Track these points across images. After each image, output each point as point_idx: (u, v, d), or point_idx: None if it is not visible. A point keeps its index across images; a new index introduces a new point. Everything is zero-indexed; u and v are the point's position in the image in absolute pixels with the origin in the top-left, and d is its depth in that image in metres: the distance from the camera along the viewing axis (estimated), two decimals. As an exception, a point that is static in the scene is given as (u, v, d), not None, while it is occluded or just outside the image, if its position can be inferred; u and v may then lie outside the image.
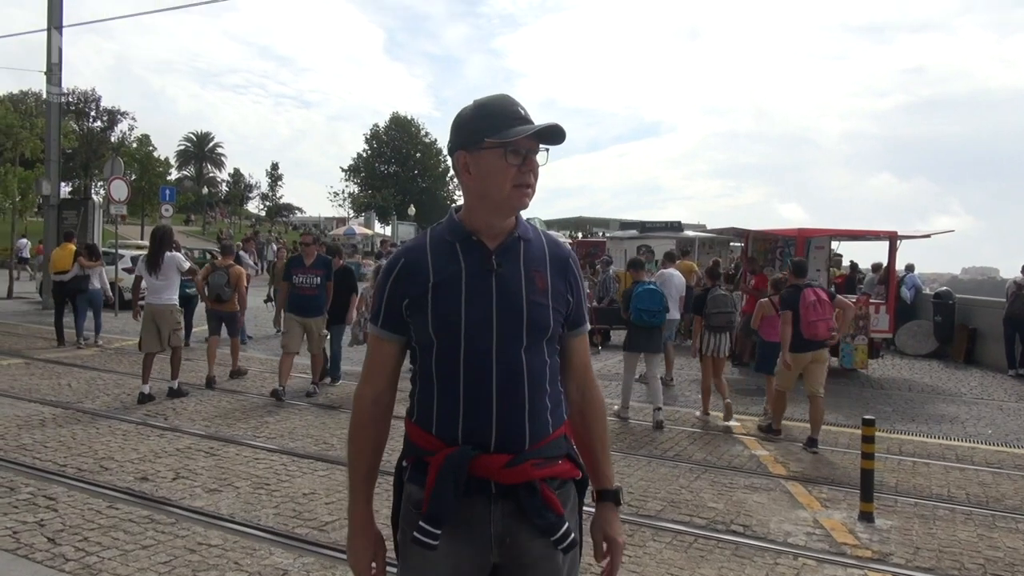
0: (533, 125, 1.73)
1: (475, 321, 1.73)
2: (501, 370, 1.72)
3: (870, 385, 11.07)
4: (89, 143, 58.15)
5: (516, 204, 1.77)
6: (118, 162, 18.33)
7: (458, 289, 1.74)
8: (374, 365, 1.89)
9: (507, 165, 1.73)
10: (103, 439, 6.54)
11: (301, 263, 8.80)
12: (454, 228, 1.83)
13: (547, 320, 1.79)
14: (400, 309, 1.79)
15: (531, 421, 1.74)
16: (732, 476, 6.13)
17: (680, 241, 17.95)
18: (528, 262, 1.81)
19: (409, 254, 1.84)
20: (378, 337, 1.86)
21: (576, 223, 39.36)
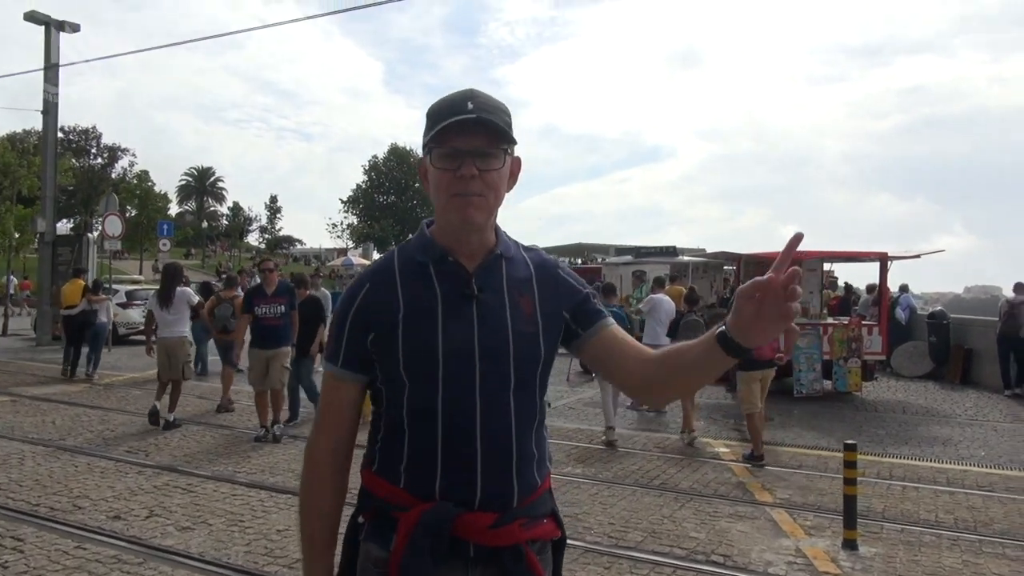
0: (454, 118, 1.45)
1: (455, 358, 1.48)
2: (487, 415, 1.49)
3: (864, 408, 10.96)
4: (90, 180, 58.53)
5: (456, 218, 1.50)
6: (113, 198, 18.46)
7: (433, 320, 1.49)
8: (331, 411, 1.61)
9: (437, 171, 1.49)
10: (80, 477, 6.46)
11: (262, 292, 8.34)
12: (426, 246, 1.58)
13: (537, 352, 1.56)
14: (364, 344, 1.53)
15: (519, 475, 1.52)
16: (717, 504, 6.03)
17: (674, 266, 17.93)
18: (512, 284, 1.57)
19: (375, 278, 1.57)
20: (337, 378, 1.59)
21: (576, 249, 39.37)
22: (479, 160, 1.47)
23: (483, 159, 1.48)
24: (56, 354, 16.32)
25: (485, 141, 1.48)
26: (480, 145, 1.47)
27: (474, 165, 1.46)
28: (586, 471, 7.01)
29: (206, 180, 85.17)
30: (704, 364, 1.47)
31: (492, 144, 1.49)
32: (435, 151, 1.49)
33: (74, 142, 61.15)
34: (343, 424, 1.61)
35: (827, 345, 11.28)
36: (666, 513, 5.75)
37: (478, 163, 1.47)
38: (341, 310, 1.58)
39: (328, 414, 1.61)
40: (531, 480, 1.55)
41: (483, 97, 1.51)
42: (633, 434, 8.94)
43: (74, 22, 18.43)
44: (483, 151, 1.48)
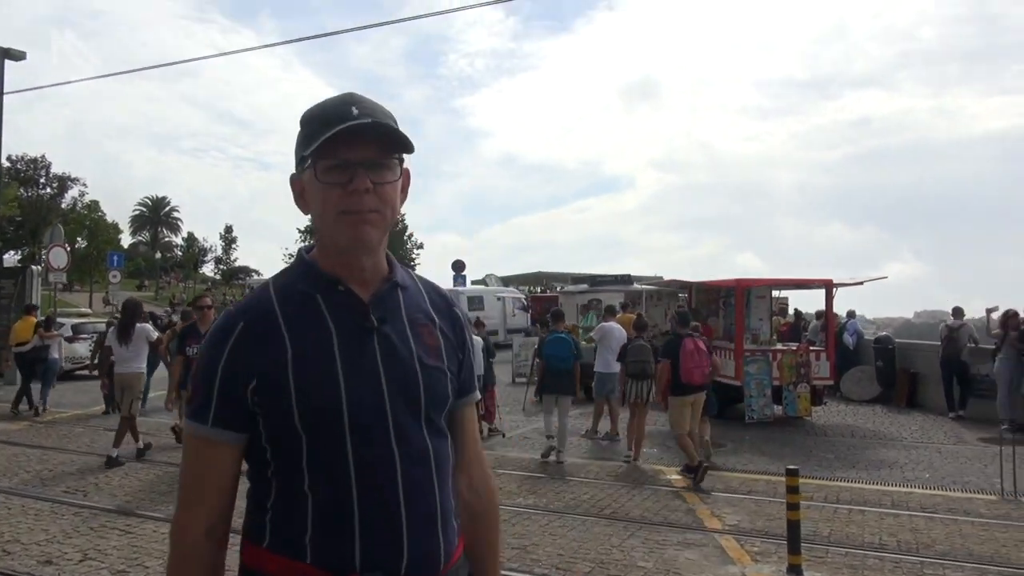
0: (344, 124, 1.26)
1: (361, 402, 1.27)
2: (406, 464, 1.29)
3: (814, 433, 11.12)
4: (38, 210, 57.15)
5: (344, 238, 1.30)
6: (58, 229, 18.07)
7: (331, 359, 1.27)
8: (202, 481, 1.31)
9: (323, 185, 1.28)
10: (13, 519, 6.22)
11: (196, 332, 7.88)
12: (309, 273, 1.36)
13: (445, 388, 1.39)
14: (243, 395, 1.27)
15: (444, 531, 1.34)
16: (666, 532, 6.04)
17: (628, 294, 18.11)
18: (411, 314, 1.39)
19: (249, 314, 1.31)
20: (207, 440, 1.30)
21: (535, 278, 39.54)
22: (372, 172, 1.29)
23: (376, 171, 1.30)
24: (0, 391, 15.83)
25: (377, 151, 1.30)
26: (372, 156, 1.29)
27: (367, 178, 1.28)
28: (537, 501, 6.97)
29: (160, 210, 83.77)
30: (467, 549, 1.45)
31: (385, 154, 1.31)
32: (320, 163, 1.28)
33: (22, 171, 59.69)
34: (218, 499, 1.32)
35: (777, 371, 11.44)
36: (615, 542, 5.74)
37: (371, 175, 1.29)
38: (207, 356, 1.31)
39: (197, 488, 1.32)
40: (453, 537, 1.38)
41: (367, 101, 1.33)
42: (586, 463, 8.93)
43: (19, 50, 18.10)
44: (376, 162, 1.30)
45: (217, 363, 1.29)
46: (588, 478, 8.01)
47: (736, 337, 11.64)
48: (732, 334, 11.93)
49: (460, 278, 29.32)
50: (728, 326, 12.61)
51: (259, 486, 1.34)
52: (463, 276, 29.57)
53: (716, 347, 12.31)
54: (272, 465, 1.30)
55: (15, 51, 18.11)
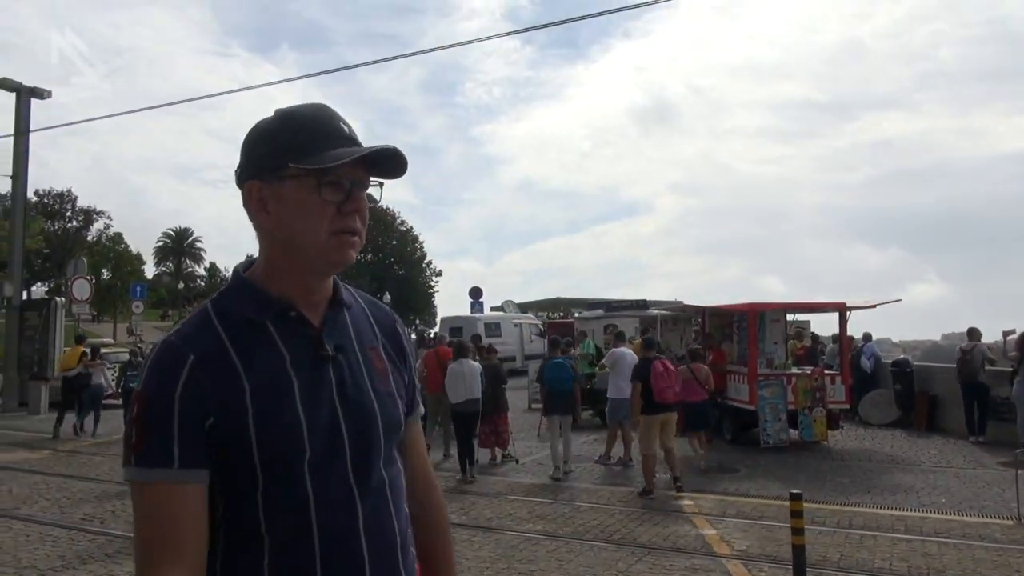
0: (360, 147, 1.24)
1: (321, 439, 1.21)
2: (365, 499, 1.25)
3: (830, 457, 11.02)
4: (64, 243, 58.28)
5: (336, 258, 1.25)
6: (81, 262, 18.47)
7: (289, 393, 1.21)
8: (176, 534, 1.14)
9: (321, 202, 1.22)
10: (31, 546, 6.35)
11: None
12: (255, 298, 1.27)
13: (398, 414, 1.36)
14: (202, 433, 1.17)
15: (404, 559, 1.32)
16: (674, 558, 6.03)
17: (644, 319, 18.12)
18: (360, 338, 1.35)
19: (197, 346, 1.21)
20: (174, 485, 1.15)
21: (553, 304, 39.62)
22: (362, 191, 1.28)
23: (364, 193, 1.28)
24: (21, 420, 16.13)
25: (366, 172, 1.28)
26: (362, 176, 1.27)
27: (362, 198, 1.27)
28: (546, 527, 6.98)
29: (184, 241, 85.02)
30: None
31: (367, 177, 1.29)
32: (325, 179, 1.22)
33: (49, 205, 61.07)
34: (196, 546, 1.17)
35: (791, 395, 11.38)
36: (622, 568, 5.74)
37: (364, 199, 1.28)
38: (158, 391, 1.18)
39: (171, 543, 1.14)
40: (412, 564, 1.35)
41: (340, 115, 1.31)
42: (598, 488, 8.92)
43: (45, 88, 18.65)
44: (366, 183, 1.28)
45: (171, 399, 1.17)
46: (599, 503, 8.00)
47: (750, 361, 11.61)
48: (746, 358, 11.91)
49: (478, 304, 29.47)
50: (742, 351, 12.57)
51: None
52: (480, 303, 29.72)
53: (730, 371, 12.31)
54: (220, 506, 1.20)
55: (41, 90, 18.67)
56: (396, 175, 1.31)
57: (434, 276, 62.49)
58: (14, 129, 18.53)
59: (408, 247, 65.84)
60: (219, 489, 1.21)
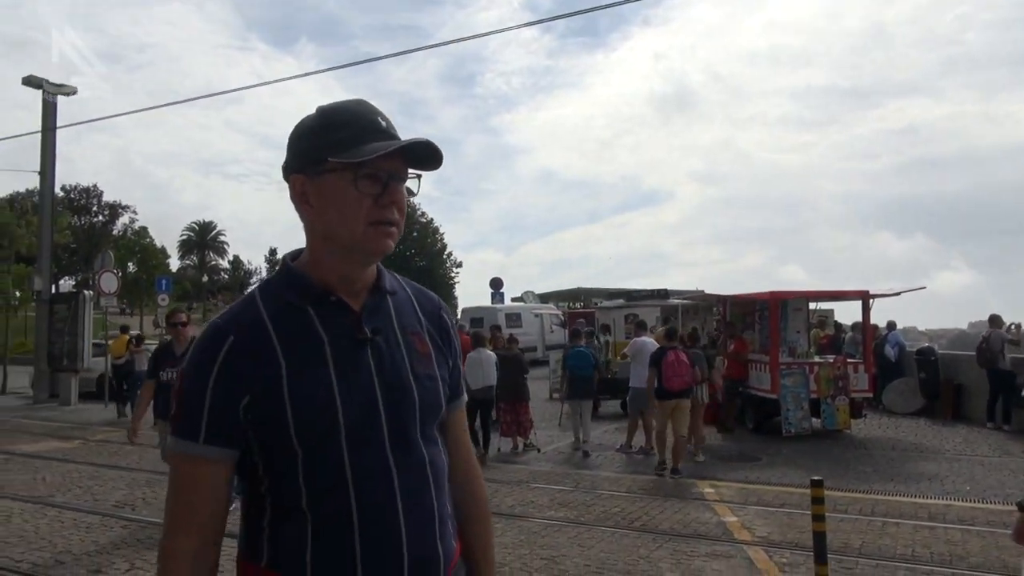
0: (397, 140, 1.30)
1: (357, 415, 1.27)
2: (404, 476, 1.30)
3: (853, 446, 10.97)
4: (90, 237, 59.16)
5: (374, 248, 1.31)
6: (108, 255, 18.75)
7: (325, 373, 1.27)
8: (193, 504, 1.27)
9: (359, 195, 1.27)
10: (65, 532, 6.52)
11: (170, 353, 6.64)
12: (298, 284, 1.34)
13: (438, 396, 1.41)
14: (236, 411, 1.25)
15: (442, 537, 1.35)
16: (695, 544, 6.07)
17: (664, 308, 18.08)
18: (402, 323, 1.40)
19: (238, 327, 1.29)
20: (198, 459, 1.26)
21: (574, 294, 39.60)
22: (400, 183, 1.33)
23: (403, 183, 1.34)
24: (52, 411, 16.48)
25: (403, 163, 1.32)
26: (400, 169, 1.32)
27: (399, 190, 1.32)
28: (568, 514, 7.05)
29: (207, 234, 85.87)
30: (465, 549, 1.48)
31: (406, 169, 1.34)
32: (362, 172, 1.27)
33: (75, 200, 62.03)
34: (211, 521, 1.28)
35: (814, 384, 11.35)
36: (643, 553, 5.79)
37: (403, 192, 1.34)
38: (196, 370, 1.28)
39: (189, 510, 1.27)
40: (451, 545, 1.39)
41: (379, 110, 1.36)
42: (619, 476, 8.99)
43: (71, 85, 18.93)
44: (404, 176, 1.33)
45: (207, 378, 1.26)
46: (620, 491, 8.06)
47: (771, 350, 11.58)
48: (768, 347, 11.87)
49: (498, 295, 29.54)
50: (764, 339, 12.54)
51: (253, 503, 1.32)
52: (501, 293, 29.79)
53: (752, 360, 12.28)
54: (265, 481, 1.29)
55: (67, 87, 18.95)
56: (432, 167, 1.35)
57: (454, 267, 62.64)
58: (41, 126, 18.83)
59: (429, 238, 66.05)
60: (262, 466, 1.29)
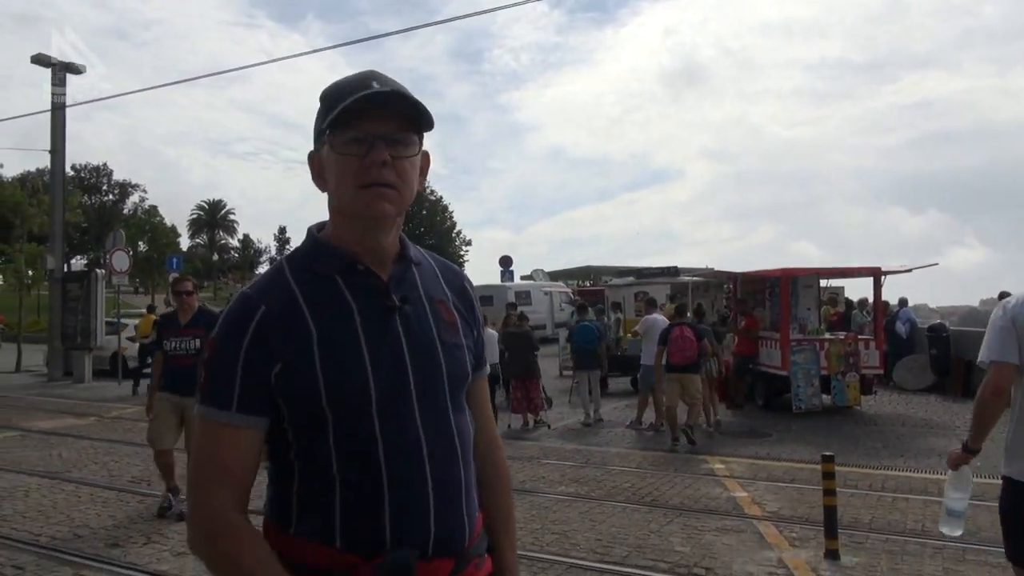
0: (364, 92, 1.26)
1: (388, 382, 1.28)
2: (432, 444, 1.31)
3: (863, 422, 10.98)
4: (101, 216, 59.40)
5: (364, 212, 1.30)
6: (120, 234, 18.82)
7: (355, 340, 1.27)
8: (223, 462, 1.27)
9: (345, 158, 1.28)
10: (82, 507, 6.61)
11: (175, 322, 6.34)
12: (326, 254, 1.35)
13: (464, 364, 1.41)
14: (267, 380, 1.26)
15: (467, 506, 1.36)
16: (705, 519, 6.10)
17: (675, 285, 18.04)
18: (428, 292, 1.41)
19: (268, 297, 1.30)
20: (229, 426, 1.26)
21: (584, 272, 39.55)
22: (390, 146, 1.28)
23: (395, 145, 1.29)
24: (67, 389, 16.65)
25: (396, 124, 1.29)
26: (391, 129, 1.29)
27: (386, 151, 1.28)
28: (579, 489, 7.10)
29: (217, 213, 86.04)
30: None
31: (404, 128, 1.31)
32: (338, 135, 1.28)
33: (86, 179, 62.22)
34: (241, 478, 1.28)
35: (824, 360, 11.33)
36: (653, 528, 5.83)
37: (390, 149, 1.28)
38: (227, 340, 1.29)
39: (218, 467, 1.27)
40: (475, 511, 1.40)
41: (386, 77, 1.33)
42: (629, 452, 9.03)
43: (80, 64, 18.91)
44: (395, 136, 1.29)
45: (239, 347, 1.26)
46: (630, 467, 8.10)
47: (782, 327, 11.56)
48: (779, 324, 11.85)
49: (508, 273, 29.52)
50: (775, 316, 12.50)
51: (281, 469, 1.32)
52: (511, 271, 29.76)
53: (763, 337, 12.26)
54: (294, 447, 1.29)
55: (76, 65, 18.92)
56: (422, 125, 1.32)
57: (464, 246, 62.69)
58: (51, 104, 18.84)
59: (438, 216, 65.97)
60: (292, 433, 1.29)
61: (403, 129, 1.30)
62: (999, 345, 2.85)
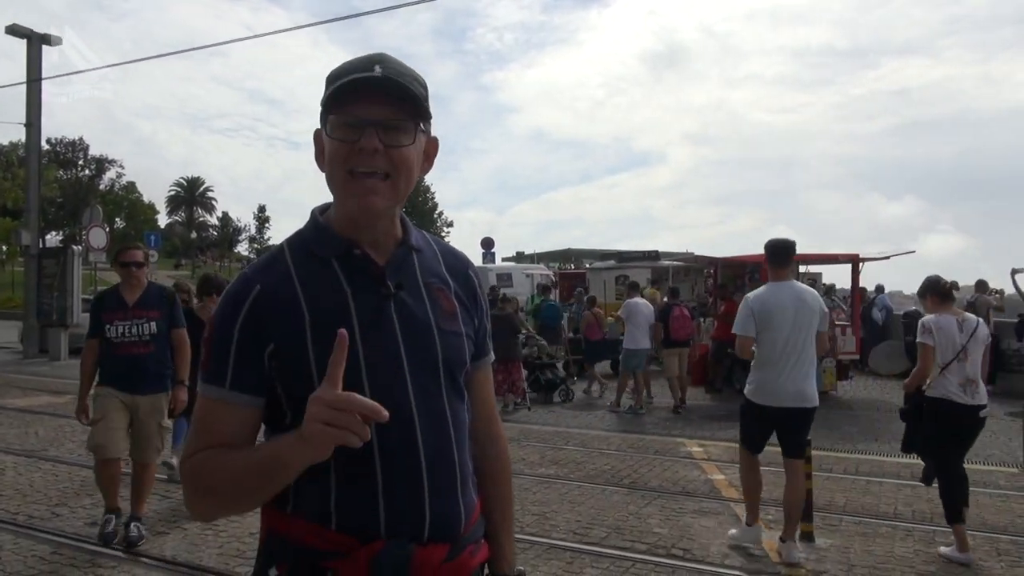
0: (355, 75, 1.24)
1: (380, 368, 1.28)
2: (427, 430, 1.30)
3: (838, 406, 11.14)
4: (76, 192, 58.50)
5: (350, 201, 1.29)
6: (97, 210, 18.57)
7: (348, 325, 1.24)
8: (218, 438, 1.28)
9: (336, 143, 1.26)
10: (60, 486, 6.57)
11: (119, 301, 5.13)
12: (324, 237, 1.34)
13: (462, 353, 1.40)
14: (261, 360, 1.27)
15: (463, 493, 1.36)
16: (683, 501, 6.19)
17: (656, 270, 18.13)
18: (427, 279, 1.39)
19: (265, 278, 1.31)
20: (224, 403, 1.28)
21: (565, 255, 39.57)
22: (384, 132, 1.26)
23: (389, 132, 1.26)
24: (43, 366, 16.46)
25: (393, 111, 1.26)
26: (386, 115, 1.26)
27: (378, 137, 1.25)
28: (559, 471, 7.16)
29: (195, 190, 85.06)
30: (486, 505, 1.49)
31: (400, 115, 1.27)
32: (331, 118, 1.27)
33: (61, 154, 61.16)
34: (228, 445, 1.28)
35: (802, 345, 11.44)
36: (632, 510, 5.90)
37: (383, 136, 1.25)
38: (223, 318, 1.30)
39: (212, 435, 1.28)
40: (472, 500, 1.40)
41: (394, 62, 1.29)
42: (609, 435, 9.11)
43: (56, 35, 18.54)
44: (389, 122, 1.26)
45: (233, 325, 1.27)
46: (609, 449, 8.18)
47: (761, 312, 11.66)
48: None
49: (490, 255, 29.48)
50: (754, 301, 12.60)
51: None
52: (492, 253, 29.72)
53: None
54: (290, 423, 1.27)
55: (52, 36, 18.55)
56: (420, 114, 1.29)
57: (445, 227, 62.49)
58: (26, 76, 18.47)
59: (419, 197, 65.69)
60: (290, 415, 1.29)
61: (398, 115, 1.27)
62: (743, 323, 5.06)
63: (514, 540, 1.56)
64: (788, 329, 4.84)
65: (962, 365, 4.92)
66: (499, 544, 1.50)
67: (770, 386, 4.91)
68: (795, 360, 4.86)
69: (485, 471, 1.50)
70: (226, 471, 1.25)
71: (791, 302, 4.89)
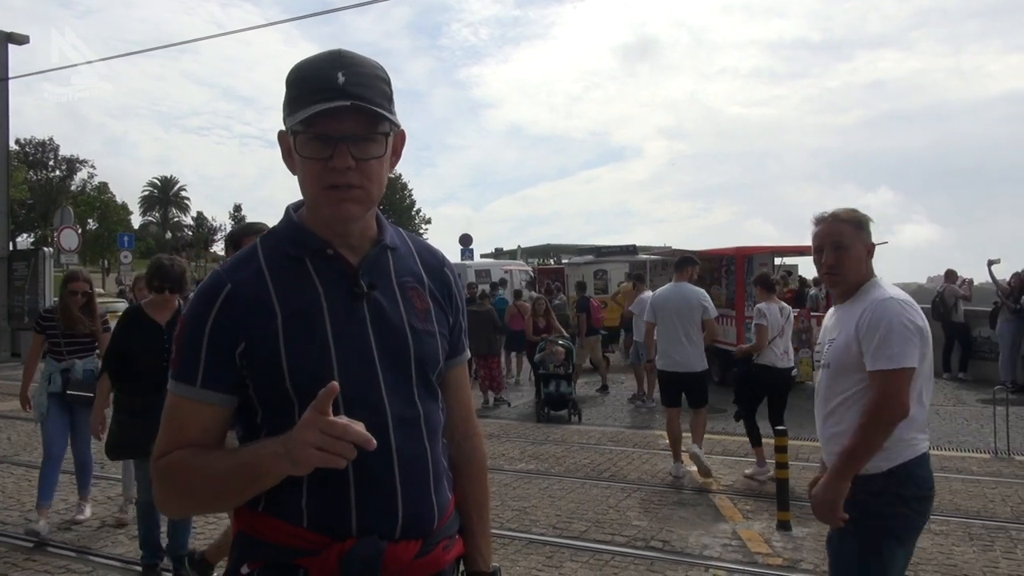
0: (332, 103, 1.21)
1: (352, 367, 1.27)
2: (399, 428, 1.30)
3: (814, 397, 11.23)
4: (47, 193, 57.58)
5: (328, 212, 1.29)
6: (68, 211, 18.30)
7: (320, 324, 1.27)
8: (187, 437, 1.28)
9: (309, 159, 1.26)
10: (33, 491, 6.42)
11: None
12: (299, 236, 1.34)
13: (436, 352, 1.40)
14: (232, 357, 1.26)
15: (436, 491, 1.37)
16: (663, 493, 6.23)
17: (633, 264, 18.20)
18: (401, 278, 1.39)
19: (237, 276, 1.30)
20: (195, 401, 1.28)
21: (543, 250, 39.62)
22: (355, 147, 1.25)
23: (360, 145, 1.26)
24: (15, 370, 16.18)
25: (361, 125, 1.25)
26: (356, 130, 1.25)
27: (349, 154, 1.24)
28: (539, 466, 7.17)
29: (169, 190, 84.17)
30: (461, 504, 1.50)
31: (369, 128, 1.26)
32: (300, 136, 1.25)
33: (31, 154, 60.12)
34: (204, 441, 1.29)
35: (778, 337, 11.56)
36: (612, 503, 5.93)
37: (354, 151, 1.25)
38: (194, 317, 1.29)
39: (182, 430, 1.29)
40: (445, 497, 1.41)
41: (355, 66, 1.26)
42: (588, 429, 9.14)
43: (22, 33, 18.21)
44: (360, 137, 1.25)
45: (204, 324, 1.27)
46: (589, 443, 8.20)
47: (737, 304, 11.76)
48: (734, 302, 12.05)
49: (468, 252, 29.44)
50: (730, 294, 12.71)
51: (249, 440, 1.33)
52: (471, 250, 29.69)
53: (719, 315, 12.45)
54: (264, 429, 1.29)
55: (17, 35, 18.23)
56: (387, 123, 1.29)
57: (423, 224, 62.33)
58: (-8, 76, 18.14)
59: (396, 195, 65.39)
60: (260, 414, 1.31)
61: (368, 129, 1.26)
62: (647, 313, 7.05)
63: (490, 537, 1.55)
64: (674, 317, 6.70)
65: (783, 340, 6.89)
66: (475, 542, 1.51)
67: (666, 357, 6.79)
68: (681, 338, 6.68)
69: (461, 469, 1.51)
70: (202, 474, 1.25)
71: (676, 299, 6.77)
